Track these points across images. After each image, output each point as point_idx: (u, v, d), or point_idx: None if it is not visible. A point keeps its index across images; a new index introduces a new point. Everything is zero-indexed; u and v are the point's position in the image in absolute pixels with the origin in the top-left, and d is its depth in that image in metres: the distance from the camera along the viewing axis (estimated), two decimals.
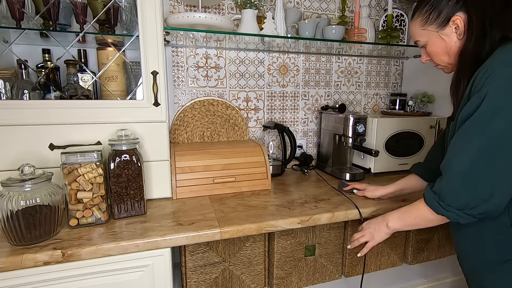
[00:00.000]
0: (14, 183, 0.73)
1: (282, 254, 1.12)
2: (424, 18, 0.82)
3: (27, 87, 1.03)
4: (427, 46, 0.84)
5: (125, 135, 0.92)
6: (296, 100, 1.61)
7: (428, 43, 0.84)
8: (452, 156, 0.69)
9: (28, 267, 0.72)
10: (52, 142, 0.94)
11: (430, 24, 0.81)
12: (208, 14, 1.12)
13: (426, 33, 0.83)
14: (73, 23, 1.13)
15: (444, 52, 0.81)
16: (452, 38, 0.79)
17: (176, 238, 0.82)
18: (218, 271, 1.06)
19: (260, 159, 1.22)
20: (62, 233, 0.82)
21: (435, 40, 0.81)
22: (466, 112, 0.68)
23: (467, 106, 0.68)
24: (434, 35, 0.81)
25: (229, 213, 0.97)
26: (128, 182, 0.91)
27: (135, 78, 1.16)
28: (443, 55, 0.82)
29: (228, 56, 1.45)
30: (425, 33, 0.83)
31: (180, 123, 1.39)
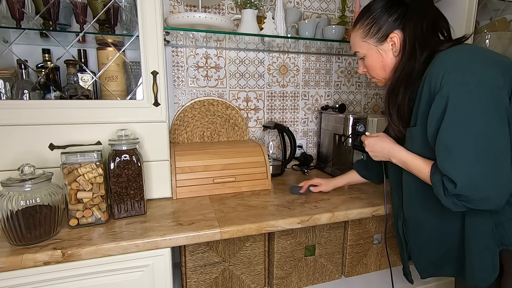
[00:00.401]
0: (14, 183, 0.73)
1: (282, 254, 1.12)
2: (365, 31, 0.85)
3: (27, 87, 1.03)
4: (366, 58, 0.88)
5: (125, 135, 0.92)
6: (296, 100, 1.61)
7: (366, 56, 0.87)
8: (448, 167, 0.67)
9: (28, 267, 0.72)
10: (52, 142, 0.94)
11: (370, 38, 0.85)
12: (208, 14, 1.12)
13: (365, 46, 0.86)
14: (73, 23, 1.13)
15: (381, 66, 0.86)
16: (388, 54, 0.83)
17: (176, 238, 0.82)
18: (218, 271, 1.06)
19: (260, 159, 1.22)
20: (62, 233, 0.82)
21: (374, 54, 0.85)
22: (436, 114, 0.69)
23: (434, 109, 0.69)
24: (373, 49, 0.85)
25: (229, 213, 0.97)
26: (128, 182, 0.91)
27: (135, 78, 1.16)
28: (379, 70, 0.87)
29: (228, 56, 1.45)
30: (365, 45, 0.86)
31: (180, 123, 1.39)
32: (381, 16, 0.82)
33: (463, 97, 0.65)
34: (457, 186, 0.65)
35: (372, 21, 0.83)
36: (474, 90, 0.64)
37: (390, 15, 0.81)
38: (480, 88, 0.64)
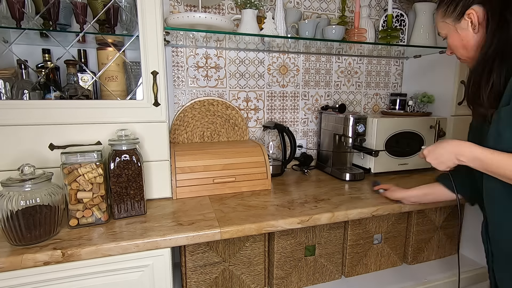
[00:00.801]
0: (14, 183, 0.73)
1: (282, 254, 1.12)
2: (443, 10, 0.82)
3: (27, 87, 1.02)
4: (448, 38, 0.84)
5: (125, 135, 0.92)
6: (296, 100, 1.61)
7: (448, 36, 0.84)
8: None
9: (28, 267, 0.72)
10: (52, 142, 0.94)
11: (448, 17, 0.81)
12: (208, 14, 1.12)
13: (445, 26, 0.83)
14: (73, 23, 1.13)
15: (462, 45, 0.81)
16: (468, 32, 0.78)
17: (176, 238, 0.82)
18: (218, 271, 1.06)
19: (260, 159, 1.22)
20: (62, 233, 0.82)
21: (453, 33, 0.81)
22: None
23: None
24: (451, 29, 0.81)
25: (229, 213, 0.97)
26: (128, 182, 0.91)
27: (135, 78, 1.16)
28: (461, 49, 0.82)
29: (228, 56, 1.45)
30: (445, 25, 0.83)
31: (180, 123, 1.39)
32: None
33: None
34: None
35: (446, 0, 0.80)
36: None
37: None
38: None
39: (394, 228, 1.29)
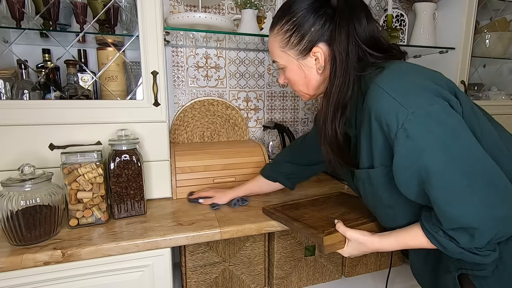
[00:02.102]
0: (14, 183, 0.73)
1: (282, 254, 1.12)
2: (284, 39, 0.69)
3: (27, 87, 1.02)
4: (286, 71, 0.74)
5: (125, 135, 0.92)
6: (296, 100, 1.61)
7: (286, 68, 0.73)
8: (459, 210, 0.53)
9: (28, 267, 0.72)
10: (52, 142, 0.94)
11: (290, 49, 0.69)
12: (208, 14, 1.12)
13: (285, 57, 0.71)
14: (73, 23, 1.13)
15: (304, 83, 0.72)
16: (312, 71, 0.70)
17: (176, 238, 0.82)
18: (218, 271, 1.06)
19: (260, 159, 1.22)
20: (62, 233, 0.82)
21: (295, 68, 0.71)
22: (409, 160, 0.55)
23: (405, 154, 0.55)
24: (294, 63, 0.71)
25: (229, 213, 0.97)
26: (128, 182, 0.91)
27: (135, 78, 1.16)
28: (302, 86, 0.74)
29: (228, 56, 1.45)
30: (284, 56, 0.71)
31: (180, 123, 1.39)
32: (304, 21, 0.66)
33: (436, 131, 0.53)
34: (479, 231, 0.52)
35: (292, 26, 0.67)
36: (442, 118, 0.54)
37: (314, 21, 0.65)
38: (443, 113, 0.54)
39: None
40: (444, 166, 0.53)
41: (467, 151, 0.53)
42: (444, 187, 0.53)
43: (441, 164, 0.53)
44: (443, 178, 0.53)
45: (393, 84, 0.57)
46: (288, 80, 0.76)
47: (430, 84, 0.57)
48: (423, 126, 0.54)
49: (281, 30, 0.70)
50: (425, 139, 0.54)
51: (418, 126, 0.54)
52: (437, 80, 0.59)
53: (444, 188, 0.54)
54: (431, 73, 0.62)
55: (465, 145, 0.54)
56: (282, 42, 0.70)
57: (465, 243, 0.55)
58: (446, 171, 0.53)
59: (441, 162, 0.53)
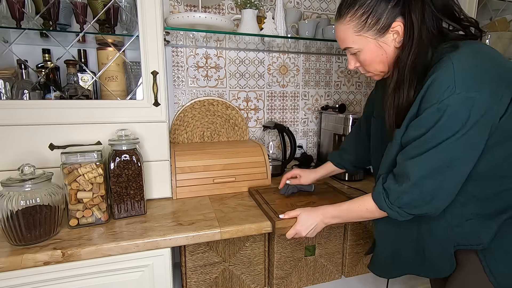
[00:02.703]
0: (14, 183, 0.73)
1: (282, 254, 1.12)
2: (360, 22, 0.70)
3: (27, 87, 1.02)
4: (361, 53, 0.74)
5: (125, 135, 0.92)
6: (296, 100, 1.61)
7: (362, 50, 0.73)
8: (408, 165, 0.67)
9: (28, 267, 0.72)
10: (52, 142, 0.94)
11: (367, 30, 0.70)
12: (208, 14, 1.12)
13: (361, 40, 0.72)
14: (73, 23, 1.13)
15: (380, 60, 0.73)
16: (390, 46, 0.71)
17: (176, 238, 0.82)
18: (218, 271, 1.06)
19: (260, 159, 1.22)
20: (62, 233, 0.82)
21: (372, 47, 0.72)
22: (423, 124, 0.65)
23: (423, 118, 0.64)
24: (371, 43, 0.71)
25: (229, 213, 0.97)
26: (128, 182, 0.91)
27: (135, 78, 1.15)
28: (378, 64, 0.74)
29: (228, 56, 1.45)
30: (361, 40, 0.72)
31: (180, 123, 1.39)
32: (379, 2, 0.68)
33: (458, 114, 0.61)
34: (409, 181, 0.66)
35: (368, 9, 0.68)
36: (472, 110, 0.60)
37: (388, 0, 0.67)
38: (477, 107, 0.60)
39: None
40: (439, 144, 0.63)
41: (456, 144, 0.62)
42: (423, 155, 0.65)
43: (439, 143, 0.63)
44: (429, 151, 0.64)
45: (462, 63, 0.62)
46: (362, 62, 0.76)
47: (490, 75, 0.62)
48: (454, 107, 0.60)
49: (354, 16, 0.71)
50: (446, 117, 0.61)
51: (451, 105, 0.60)
52: (501, 73, 0.63)
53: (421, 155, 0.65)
54: (501, 63, 0.65)
55: (461, 140, 0.62)
56: (358, 27, 0.71)
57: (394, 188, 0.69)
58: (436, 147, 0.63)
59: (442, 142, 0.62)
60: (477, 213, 0.70)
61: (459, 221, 0.71)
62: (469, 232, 0.70)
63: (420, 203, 0.67)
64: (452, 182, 0.66)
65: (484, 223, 0.69)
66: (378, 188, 0.73)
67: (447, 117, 0.61)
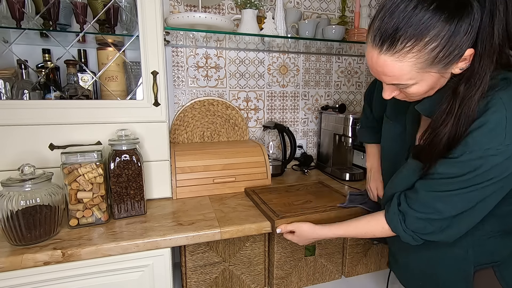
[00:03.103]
0: (14, 183, 0.73)
1: (282, 254, 1.12)
2: (429, 59, 0.56)
3: (27, 87, 1.02)
4: (414, 86, 0.61)
5: (125, 135, 0.92)
6: (296, 100, 1.61)
7: (417, 84, 0.60)
8: (434, 199, 0.64)
9: (28, 267, 0.72)
10: (52, 142, 0.94)
11: (435, 65, 0.57)
12: (208, 14, 1.12)
13: (422, 76, 0.59)
14: (73, 23, 1.13)
15: (431, 87, 0.62)
16: (449, 74, 0.60)
17: (176, 238, 0.82)
18: (218, 271, 1.06)
19: (260, 159, 1.21)
20: (62, 233, 0.82)
21: (432, 80, 0.60)
22: (459, 167, 0.60)
23: (462, 162, 0.59)
24: (434, 76, 0.59)
25: (229, 213, 0.97)
26: (128, 182, 0.91)
27: (135, 78, 1.15)
28: (426, 92, 0.63)
29: (228, 56, 1.45)
30: (421, 76, 0.58)
31: (180, 123, 1.39)
32: (452, 34, 0.53)
33: (502, 167, 0.57)
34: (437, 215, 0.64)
35: (442, 40, 0.54)
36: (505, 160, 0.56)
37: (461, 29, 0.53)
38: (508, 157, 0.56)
39: None
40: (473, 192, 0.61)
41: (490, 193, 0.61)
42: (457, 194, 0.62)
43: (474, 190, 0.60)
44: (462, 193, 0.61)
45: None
46: (409, 94, 0.64)
47: None
48: (500, 160, 0.56)
49: (423, 51, 0.55)
50: (489, 167, 0.57)
51: (497, 158, 0.56)
52: None
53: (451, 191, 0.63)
54: None
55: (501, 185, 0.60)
56: (424, 63, 0.56)
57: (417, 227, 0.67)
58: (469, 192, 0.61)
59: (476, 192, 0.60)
60: (497, 230, 0.69)
61: (480, 241, 0.70)
62: (491, 250, 0.70)
63: (435, 230, 0.66)
64: (476, 217, 0.65)
65: (504, 238, 0.69)
66: (393, 209, 0.71)
67: (489, 167, 0.57)
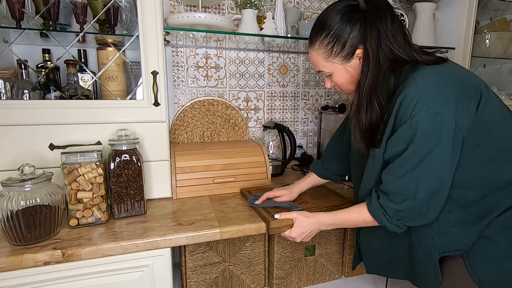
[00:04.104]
0: (14, 183, 0.73)
1: (282, 254, 1.12)
2: (327, 51, 0.77)
3: (27, 87, 1.02)
4: (333, 76, 0.81)
5: (125, 135, 0.92)
6: (296, 100, 1.61)
7: (333, 73, 0.80)
8: (398, 184, 0.71)
9: (28, 267, 0.72)
10: (52, 142, 0.94)
11: (334, 57, 0.77)
12: (208, 14, 1.12)
13: (331, 65, 0.79)
14: (73, 23, 1.13)
15: (351, 82, 0.80)
16: (357, 69, 0.77)
17: (176, 238, 0.82)
18: (218, 271, 1.06)
19: (260, 159, 1.21)
20: (62, 233, 0.82)
21: (341, 72, 0.79)
22: (399, 140, 0.69)
23: (399, 134, 0.69)
24: (339, 68, 0.78)
25: (229, 213, 0.97)
26: (128, 182, 0.91)
27: (135, 78, 1.15)
28: (349, 85, 0.81)
29: (228, 56, 1.45)
30: (330, 65, 0.79)
31: (180, 123, 1.39)
32: (342, 32, 0.74)
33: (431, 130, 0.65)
34: (405, 199, 0.70)
35: (332, 39, 0.75)
36: (442, 125, 0.65)
37: (351, 29, 0.73)
38: (447, 122, 0.65)
39: None
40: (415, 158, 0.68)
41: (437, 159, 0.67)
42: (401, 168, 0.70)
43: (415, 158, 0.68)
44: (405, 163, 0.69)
45: (425, 80, 0.67)
46: (335, 83, 0.83)
47: (453, 90, 0.67)
48: (425, 124, 0.65)
49: (322, 44, 0.78)
50: (420, 134, 0.66)
51: (422, 122, 0.65)
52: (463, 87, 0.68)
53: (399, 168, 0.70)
54: (462, 77, 0.71)
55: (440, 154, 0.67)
56: (325, 54, 0.78)
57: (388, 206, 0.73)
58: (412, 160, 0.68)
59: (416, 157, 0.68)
60: (461, 220, 0.72)
61: (444, 229, 0.74)
62: (454, 238, 0.73)
63: (417, 217, 0.71)
64: (441, 195, 0.70)
65: (467, 228, 0.72)
66: (374, 202, 0.76)
67: (421, 134, 0.66)
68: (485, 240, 0.71)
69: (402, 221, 0.73)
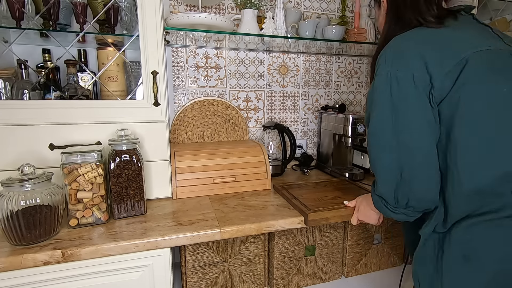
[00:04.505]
0: (14, 183, 0.73)
1: (282, 254, 1.12)
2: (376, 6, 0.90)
3: (27, 87, 1.03)
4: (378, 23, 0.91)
5: (125, 135, 0.92)
6: (296, 100, 1.61)
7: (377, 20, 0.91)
8: (372, 160, 0.72)
9: (28, 267, 0.72)
10: (52, 142, 0.94)
11: (377, 9, 0.88)
12: (208, 14, 1.12)
13: (377, 10, 0.90)
14: (73, 23, 1.13)
15: (380, 21, 0.88)
16: (383, 14, 0.84)
17: (176, 238, 0.82)
18: (218, 271, 1.06)
19: (260, 159, 1.22)
20: (62, 233, 0.82)
21: (378, 14, 0.89)
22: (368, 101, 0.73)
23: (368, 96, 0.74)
24: (377, 12, 0.89)
25: (229, 213, 0.97)
26: (128, 182, 0.91)
27: (135, 78, 1.16)
28: (380, 24, 0.88)
29: (228, 56, 1.45)
30: (376, 10, 0.90)
31: (180, 123, 1.39)
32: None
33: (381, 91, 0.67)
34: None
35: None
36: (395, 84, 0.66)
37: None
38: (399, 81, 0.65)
39: (394, 228, 1.29)
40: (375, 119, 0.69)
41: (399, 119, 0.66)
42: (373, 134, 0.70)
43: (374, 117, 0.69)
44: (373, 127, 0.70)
45: (396, 42, 0.70)
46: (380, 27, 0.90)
47: (417, 54, 0.65)
48: (382, 83, 0.68)
49: None
50: (376, 92, 0.69)
51: (378, 81, 0.69)
52: (431, 52, 0.65)
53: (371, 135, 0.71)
54: (436, 43, 0.66)
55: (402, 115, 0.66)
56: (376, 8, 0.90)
57: None
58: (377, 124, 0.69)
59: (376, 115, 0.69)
60: None
61: None
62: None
63: (413, 200, 0.67)
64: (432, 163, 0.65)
65: None
66: (373, 196, 0.76)
67: (376, 93, 0.69)
68: None
69: (409, 209, 0.69)
